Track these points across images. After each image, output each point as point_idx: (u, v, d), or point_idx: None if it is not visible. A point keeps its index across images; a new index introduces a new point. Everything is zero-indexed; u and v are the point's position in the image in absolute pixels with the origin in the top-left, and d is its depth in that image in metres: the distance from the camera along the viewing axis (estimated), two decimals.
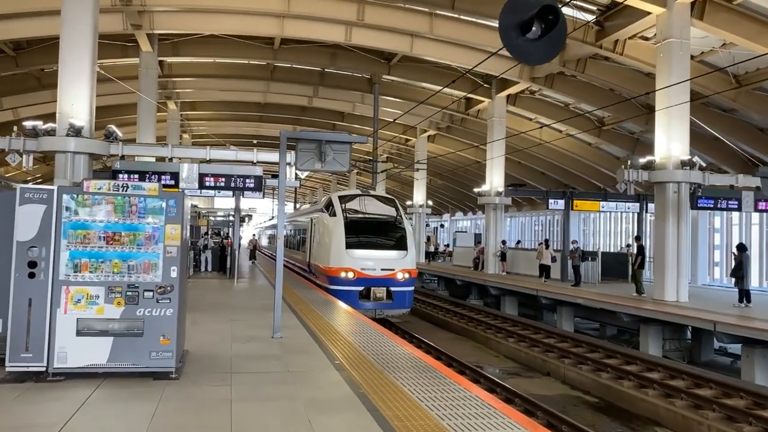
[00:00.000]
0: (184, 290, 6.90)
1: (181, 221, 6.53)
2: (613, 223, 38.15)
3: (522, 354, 15.48)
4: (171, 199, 6.51)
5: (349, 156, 9.37)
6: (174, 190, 11.24)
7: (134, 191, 6.44)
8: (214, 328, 9.96)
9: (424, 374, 7.00)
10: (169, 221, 6.48)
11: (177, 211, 6.51)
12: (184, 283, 6.99)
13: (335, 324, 10.78)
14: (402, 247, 17.73)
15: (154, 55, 24.03)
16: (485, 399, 6.05)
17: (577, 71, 22.94)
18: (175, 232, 6.47)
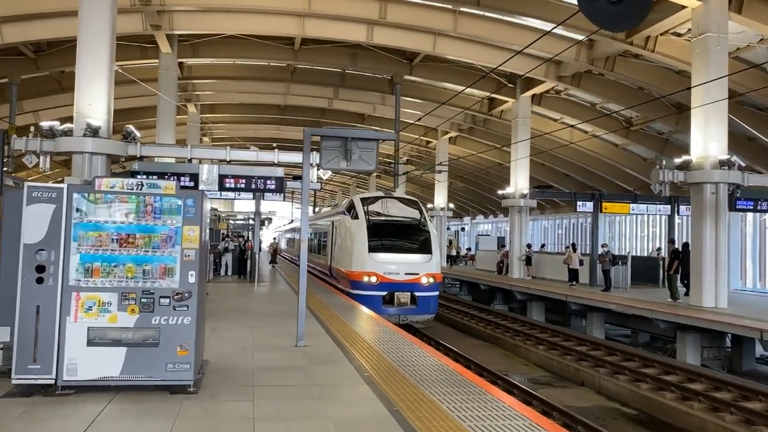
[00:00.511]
0: (203, 297, 6.42)
1: (200, 222, 6.05)
2: (639, 226, 37.21)
3: (553, 362, 14.83)
4: (189, 198, 6.04)
5: (376, 154, 8.86)
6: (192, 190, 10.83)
7: (149, 190, 5.98)
8: (234, 336, 9.48)
9: (460, 388, 6.45)
10: (187, 222, 6.01)
11: (195, 211, 6.03)
12: (203, 289, 6.51)
13: (360, 331, 10.26)
14: (426, 251, 17.18)
15: (174, 56, 23.77)
16: (529, 416, 5.47)
17: (606, 69, 22.22)
18: (194, 234, 6.00)
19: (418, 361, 7.81)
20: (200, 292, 6.13)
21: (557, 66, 24.05)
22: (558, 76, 24.31)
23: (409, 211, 18.38)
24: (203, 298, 6.49)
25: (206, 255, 6.91)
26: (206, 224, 6.67)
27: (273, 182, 14.30)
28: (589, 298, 18.82)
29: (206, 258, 7.00)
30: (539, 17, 19.95)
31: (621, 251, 34.15)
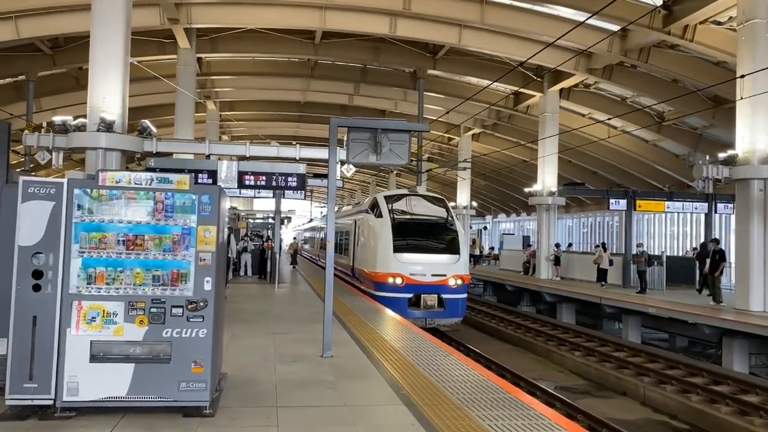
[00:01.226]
0: (220, 305, 5.71)
1: (218, 221, 5.35)
2: (668, 225, 36.00)
3: (591, 370, 13.95)
4: (205, 194, 5.33)
5: (409, 147, 8.10)
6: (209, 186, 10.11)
7: (160, 185, 5.28)
8: (255, 344, 8.79)
9: (511, 410, 5.68)
10: (202, 221, 5.30)
11: (212, 209, 5.32)
12: (221, 297, 5.81)
13: (388, 338, 9.51)
14: (454, 251, 16.40)
15: (192, 51, 23.23)
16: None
17: (640, 61, 21.22)
18: (210, 235, 5.29)
19: (456, 375, 7.04)
20: (218, 301, 5.42)
21: (588, 58, 23.10)
22: (588, 69, 23.35)
23: (435, 209, 17.60)
24: (221, 306, 5.78)
25: (224, 258, 6.20)
26: (224, 223, 5.97)
27: (294, 179, 13.60)
28: (626, 301, 17.90)
29: (224, 261, 6.29)
30: (572, 6, 19.08)
31: (651, 251, 33.08)
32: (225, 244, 6.17)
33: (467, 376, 7.04)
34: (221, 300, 5.76)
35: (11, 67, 23.23)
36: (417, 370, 7.27)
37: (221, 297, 5.76)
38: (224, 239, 6.06)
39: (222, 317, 5.98)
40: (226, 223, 6.28)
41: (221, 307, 5.75)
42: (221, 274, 5.73)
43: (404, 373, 7.07)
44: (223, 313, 6.15)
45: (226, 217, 6.15)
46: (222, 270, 5.92)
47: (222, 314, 5.97)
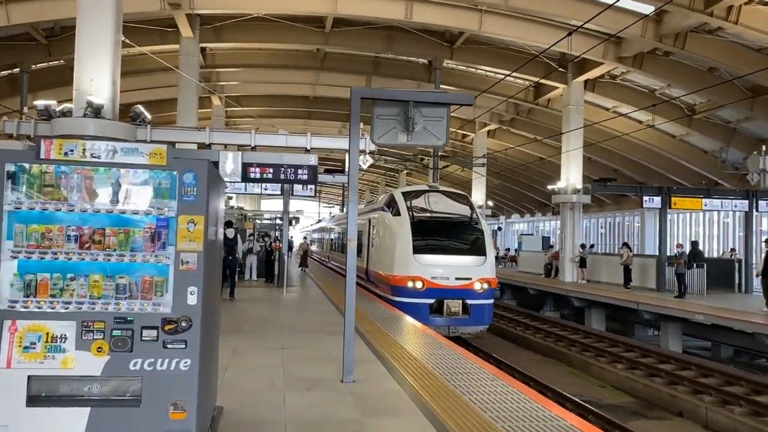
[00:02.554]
0: (211, 325, 4.26)
1: (206, 209, 3.90)
2: (692, 226, 34.36)
3: (638, 385, 12.41)
4: (188, 171, 3.87)
5: (447, 124, 6.64)
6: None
7: (126, 158, 3.83)
8: (260, 363, 7.34)
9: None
10: (185, 209, 3.85)
11: (199, 192, 3.87)
12: (214, 312, 4.35)
13: (418, 354, 8.04)
14: (480, 252, 14.91)
15: (196, 40, 21.87)
16: None
17: (676, 47, 19.65)
18: (196, 229, 3.84)
19: (514, 408, 5.57)
20: (207, 319, 3.97)
21: (617, 46, 21.58)
22: (618, 57, 21.82)
23: (458, 206, 16.13)
24: (213, 326, 4.32)
25: (219, 260, 4.75)
26: (218, 213, 4.53)
27: (305, 171, 12.17)
28: (667, 306, 16.36)
29: (219, 264, 4.85)
30: None
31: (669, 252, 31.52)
32: (219, 242, 4.71)
33: (526, 410, 5.56)
34: (213, 317, 4.30)
35: (4, 57, 21.91)
36: (462, 401, 5.79)
37: (213, 313, 4.30)
38: (218, 235, 4.61)
39: (214, 340, 4.51)
40: (221, 212, 4.82)
41: (213, 327, 4.28)
42: (214, 281, 4.29)
43: (448, 406, 5.59)
44: (216, 334, 4.69)
45: (221, 205, 4.69)
46: (215, 276, 4.47)
47: (215, 336, 4.51)
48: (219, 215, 4.62)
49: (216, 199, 4.33)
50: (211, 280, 4.13)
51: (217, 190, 4.38)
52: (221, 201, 4.74)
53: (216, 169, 4.36)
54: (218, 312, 4.75)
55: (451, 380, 6.58)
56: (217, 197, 4.38)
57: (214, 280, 4.29)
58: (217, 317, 4.73)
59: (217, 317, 4.59)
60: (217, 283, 4.74)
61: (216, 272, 4.54)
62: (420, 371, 6.97)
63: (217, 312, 4.68)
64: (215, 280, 4.43)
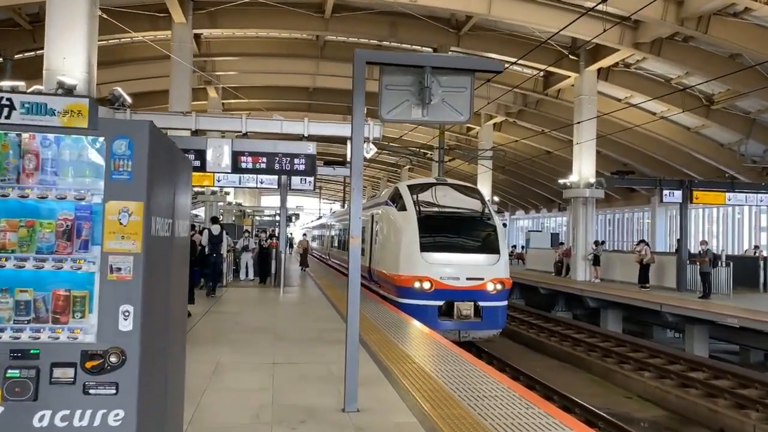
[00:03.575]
0: (163, 355, 3.06)
1: (147, 192, 2.70)
2: (708, 220, 33.17)
3: (670, 397, 11.22)
4: (120, 138, 2.66)
5: (472, 96, 5.46)
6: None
7: (30, 117, 2.64)
8: (246, 384, 6.17)
9: None
10: (115, 193, 2.66)
11: (136, 167, 2.68)
12: (166, 338, 3.15)
13: (434, 371, 6.86)
14: (493, 250, 13.74)
15: (189, 26, 20.66)
16: None
17: (698, 31, 18.42)
18: (130, 221, 2.65)
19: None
20: (152, 350, 2.78)
21: (634, 30, 20.36)
22: (635, 43, 20.57)
23: (469, 200, 14.95)
24: (164, 355, 3.12)
25: (179, 265, 3.56)
26: (178, 200, 3.35)
27: (302, 161, 10.99)
28: (693, 308, 15.19)
29: (181, 271, 3.66)
30: None
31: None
32: (181, 241, 3.52)
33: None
34: (165, 344, 3.10)
35: None
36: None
37: (165, 339, 3.10)
38: (180, 231, 3.43)
39: (171, 375, 3.30)
40: (185, 200, 3.64)
41: (163, 358, 3.08)
42: (166, 295, 3.11)
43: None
44: (177, 363, 3.49)
45: (183, 190, 3.50)
46: (171, 288, 3.28)
47: (171, 369, 3.30)
48: (179, 204, 3.44)
49: (169, 181, 3.14)
50: (160, 294, 2.94)
51: (171, 167, 3.19)
52: (183, 185, 3.55)
53: (168, 138, 3.15)
54: (178, 334, 3.56)
55: (477, 407, 5.39)
56: (171, 178, 3.19)
57: (166, 294, 3.10)
58: (177, 341, 3.54)
59: (175, 342, 3.40)
60: (178, 295, 3.55)
61: (174, 282, 3.35)
62: (438, 395, 5.79)
63: (176, 334, 3.49)
64: (171, 293, 3.23)
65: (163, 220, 2.99)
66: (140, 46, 24.34)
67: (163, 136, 2.98)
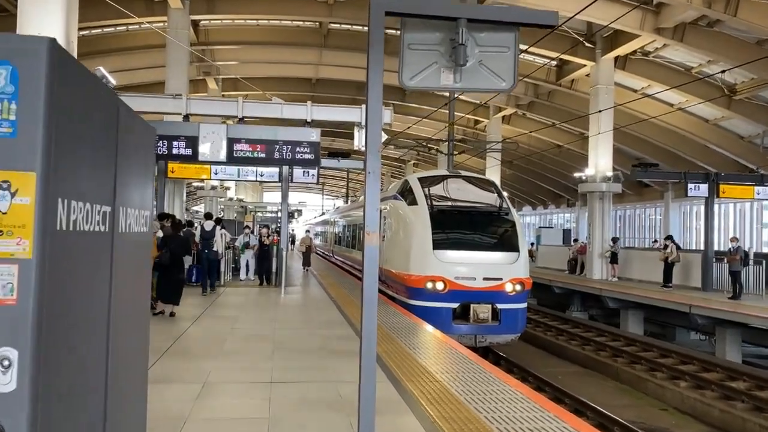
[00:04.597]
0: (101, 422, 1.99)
1: (42, 155, 1.62)
2: (724, 217, 32.01)
3: (713, 411, 10.13)
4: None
5: (516, 58, 4.38)
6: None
7: None
8: (236, 412, 5.10)
9: None
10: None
11: (25, 112, 1.60)
12: (112, 393, 2.08)
13: (460, 391, 5.80)
14: (512, 248, 12.66)
15: (186, 12, 19.61)
16: None
17: (727, 14, 17.26)
18: (12, 206, 1.57)
19: None
20: (70, 415, 1.71)
21: (656, 15, 19.23)
22: (656, 28, 19.43)
23: (484, 194, 13.86)
24: (107, 418, 2.04)
25: (134, 273, 2.49)
26: (125, 183, 2.28)
27: (305, 150, 9.92)
28: (725, 310, 14.10)
29: (138, 282, 2.59)
30: None
31: (689, 246, 29.36)
32: (128, 238, 2.44)
33: None
34: (95, 407, 2.02)
35: None
36: None
37: (96, 398, 2.02)
38: (117, 224, 2.35)
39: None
40: (146, 181, 2.58)
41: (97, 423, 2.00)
42: (117, 319, 2.05)
43: None
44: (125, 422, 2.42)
45: (143, 167, 2.44)
46: (126, 308, 2.21)
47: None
48: (127, 184, 2.36)
49: (105, 146, 2.07)
50: (82, 324, 1.87)
51: (107, 124, 2.11)
52: (136, 156, 2.47)
53: (99, 80, 2.06)
54: (130, 373, 2.48)
55: None
56: (108, 142, 2.12)
57: (101, 320, 2.03)
58: (130, 381, 2.47)
59: (125, 386, 2.33)
60: (132, 317, 2.48)
61: (123, 298, 2.29)
62: (472, 427, 4.72)
63: (128, 374, 2.42)
64: (114, 317, 2.17)
65: (90, 207, 1.93)
66: (136, 34, 23.32)
67: (87, 73, 1.90)
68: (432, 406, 5.23)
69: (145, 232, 2.83)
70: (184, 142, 9.54)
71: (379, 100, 4.15)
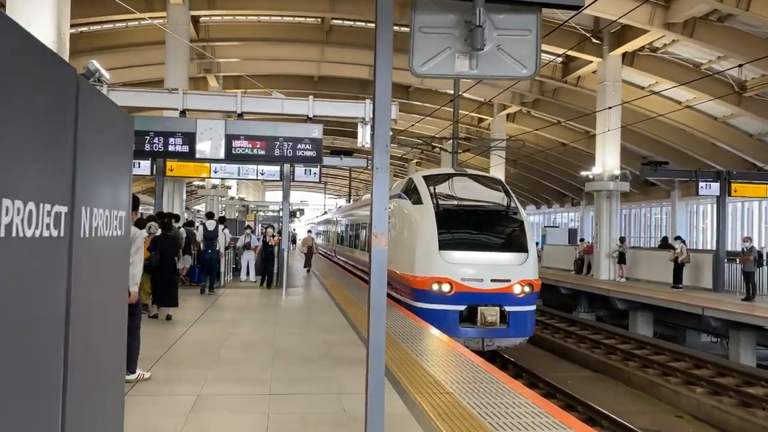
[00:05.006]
0: None
1: None
2: (731, 217, 31.56)
3: (732, 419, 9.71)
4: None
5: (538, 41, 3.99)
6: None
7: None
8: (232, 428, 4.71)
9: None
10: None
11: None
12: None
13: (473, 404, 5.40)
14: (520, 248, 12.25)
15: (185, 7, 19.24)
16: None
17: (739, 8, 16.84)
18: None
19: None
20: None
21: (665, 10, 18.79)
22: (666, 24, 18.99)
23: (491, 193, 13.46)
24: None
25: (109, 277, 2.09)
26: (89, 175, 1.88)
27: (307, 146, 9.53)
28: (741, 313, 13.69)
29: (112, 300, 2.19)
30: None
31: (694, 245, 28.96)
32: (96, 244, 2.04)
33: None
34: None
35: None
36: None
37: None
38: (79, 227, 1.96)
39: None
40: (118, 175, 2.19)
41: None
42: (77, 347, 1.65)
43: None
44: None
45: (117, 158, 2.05)
46: (92, 331, 1.82)
47: None
48: (91, 177, 1.98)
49: (54, 130, 1.68)
50: (15, 356, 1.47)
51: (61, 108, 1.72)
52: (103, 145, 2.08)
53: (27, 34, 1.65)
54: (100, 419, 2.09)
55: None
56: (59, 124, 1.72)
57: (53, 350, 1.65)
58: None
59: None
60: (101, 342, 2.09)
61: (86, 320, 1.90)
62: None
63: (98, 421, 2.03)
64: (74, 344, 1.78)
65: (36, 208, 1.53)
66: (135, 30, 22.96)
67: (25, 34, 1.51)
68: (443, 421, 4.84)
69: (119, 236, 2.43)
70: (180, 139, 9.15)
71: (388, 82, 3.76)
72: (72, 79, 1.82)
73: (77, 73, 1.82)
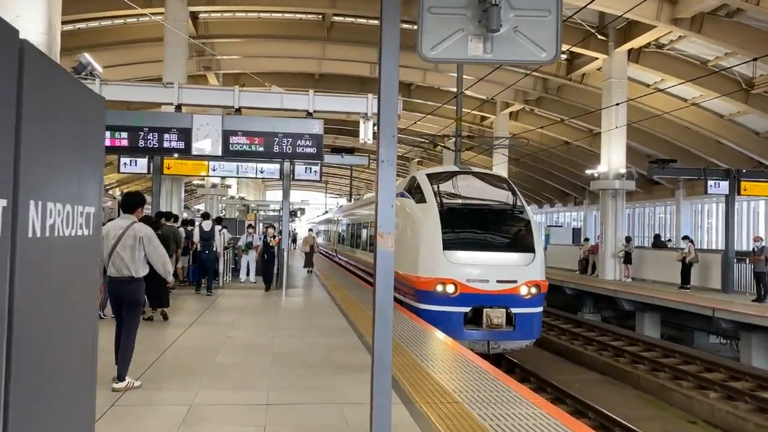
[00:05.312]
0: None
1: None
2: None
3: (747, 425, 9.37)
4: None
5: (559, 22, 3.65)
6: None
7: None
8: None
9: None
10: None
11: None
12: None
13: (484, 415, 5.07)
14: (527, 248, 11.91)
15: (184, 3, 18.90)
16: None
17: (750, 3, 16.49)
18: None
19: None
20: None
21: (672, 5, 18.43)
22: (673, 19, 18.63)
23: (497, 191, 13.10)
24: None
25: (71, 281, 1.75)
26: (36, 162, 1.54)
27: (307, 143, 9.18)
28: (753, 314, 13.34)
29: (77, 292, 1.85)
30: None
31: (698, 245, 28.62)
32: (48, 245, 1.69)
33: None
34: None
35: None
36: None
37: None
38: (24, 224, 1.62)
39: None
40: (83, 166, 1.84)
41: None
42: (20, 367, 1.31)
43: None
44: None
45: (84, 145, 1.70)
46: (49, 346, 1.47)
47: None
48: (36, 164, 1.64)
49: None
50: None
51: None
52: (73, 132, 1.75)
53: None
54: None
55: None
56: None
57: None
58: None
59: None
60: (67, 347, 1.77)
61: (43, 336, 1.57)
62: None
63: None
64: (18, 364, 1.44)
65: None
66: (133, 27, 22.64)
67: None
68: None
69: (86, 236, 2.09)
70: (176, 135, 8.82)
71: (395, 62, 3.42)
72: (12, 41, 1.48)
73: (20, 35, 1.48)
